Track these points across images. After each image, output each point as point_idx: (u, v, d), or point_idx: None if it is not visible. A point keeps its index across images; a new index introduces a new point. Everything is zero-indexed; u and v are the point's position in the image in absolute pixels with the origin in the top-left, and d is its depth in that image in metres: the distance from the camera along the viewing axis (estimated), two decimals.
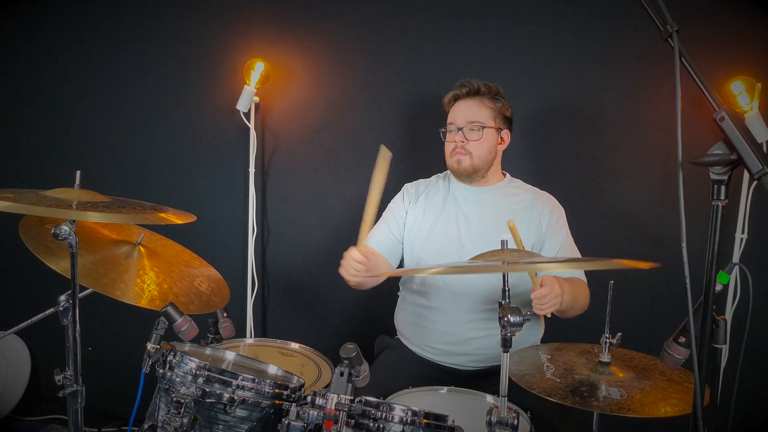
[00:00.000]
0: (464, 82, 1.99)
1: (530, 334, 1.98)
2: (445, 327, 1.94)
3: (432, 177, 2.15)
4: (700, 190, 1.23)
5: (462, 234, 1.96)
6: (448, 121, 2.00)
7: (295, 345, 1.96)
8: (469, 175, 1.97)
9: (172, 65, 2.70)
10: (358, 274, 1.75)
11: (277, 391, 1.38)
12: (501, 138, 2.00)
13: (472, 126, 1.94)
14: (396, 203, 2.11)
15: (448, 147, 1.99)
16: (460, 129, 1.95)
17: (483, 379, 1.89)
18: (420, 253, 2.00)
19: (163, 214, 1.49)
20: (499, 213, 1.96)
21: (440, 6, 2.44)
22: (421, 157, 2.41)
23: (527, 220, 1.95)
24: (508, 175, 2.09)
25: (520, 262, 1.36)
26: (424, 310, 1.98)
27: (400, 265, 2.08)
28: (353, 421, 1.26)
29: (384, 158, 1.68)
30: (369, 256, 1.75)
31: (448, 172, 2.07)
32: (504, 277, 1.35)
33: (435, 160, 2.04)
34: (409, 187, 2.13)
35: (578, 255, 1.97)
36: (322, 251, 2.63)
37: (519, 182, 2.08)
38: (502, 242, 1.45)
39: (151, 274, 1.66)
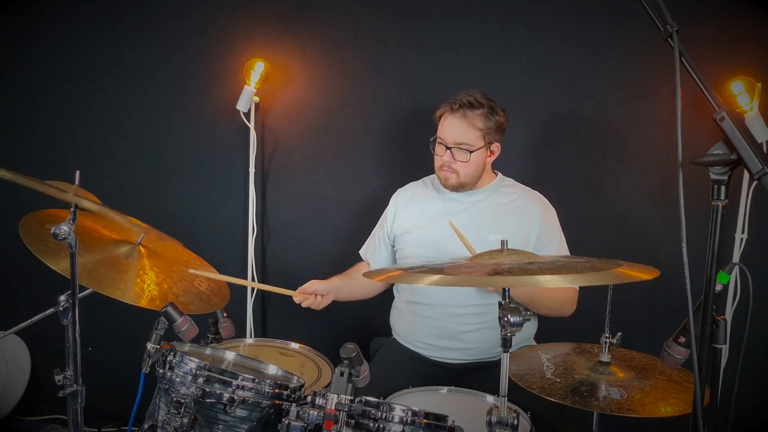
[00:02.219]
0: (455, 99, 1.93)
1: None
2: (435, 322, 1.95)
3: (421, 180, 2.17)
4: (700, 190, 1.23)
5: (451, 233, 1.96)
6: (438, 134, 1.97)
7: (295, 345, 1.97)
8: (456, 189, 1.98)
9: (172, 65, 2.70)
10: (315, 305, 1.93)
11: (277, 391, 1.38)
12: (491, 151, 1.97)
13: (460, 146, 1.91)
14: (385, 217, 2.16)
15: (437, 161, 1.99)
16: (448, 148, 1.93)
17: (476, 373, 1.90)
18: (410, 253, 2.02)
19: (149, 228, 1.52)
20: (488, 213, 1.98)
21: (441, 7, 2.44)
22: (421, 158, 2.39)
23: (519, 220, 1.96)
24: (499, 174, 2.08)
25: (516, 266, 1.36)
26: (415, 306, 2.00)
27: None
28: (353, 421, 1.26)
29: None
30: (308, 290, 1.92)
31: None
32: None
33: (434, 160, 2.05)
34: (396, 195, 2.16)
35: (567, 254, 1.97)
36: (322, 251, 2.63)
37: (510, 181, 2.08)
38: (502, 242, 1.44)
39: (151, 274, 1.66)
